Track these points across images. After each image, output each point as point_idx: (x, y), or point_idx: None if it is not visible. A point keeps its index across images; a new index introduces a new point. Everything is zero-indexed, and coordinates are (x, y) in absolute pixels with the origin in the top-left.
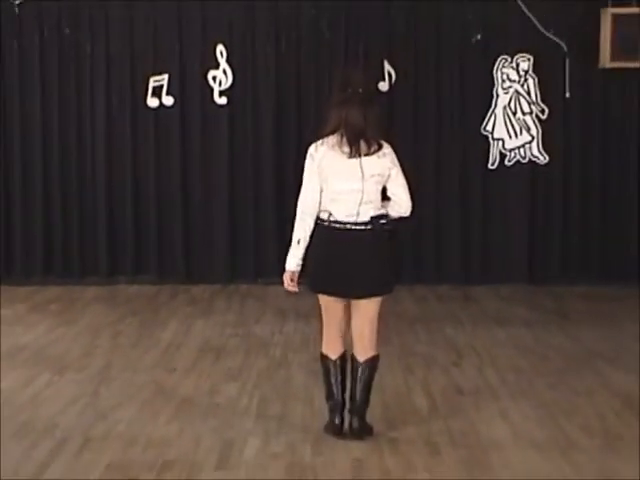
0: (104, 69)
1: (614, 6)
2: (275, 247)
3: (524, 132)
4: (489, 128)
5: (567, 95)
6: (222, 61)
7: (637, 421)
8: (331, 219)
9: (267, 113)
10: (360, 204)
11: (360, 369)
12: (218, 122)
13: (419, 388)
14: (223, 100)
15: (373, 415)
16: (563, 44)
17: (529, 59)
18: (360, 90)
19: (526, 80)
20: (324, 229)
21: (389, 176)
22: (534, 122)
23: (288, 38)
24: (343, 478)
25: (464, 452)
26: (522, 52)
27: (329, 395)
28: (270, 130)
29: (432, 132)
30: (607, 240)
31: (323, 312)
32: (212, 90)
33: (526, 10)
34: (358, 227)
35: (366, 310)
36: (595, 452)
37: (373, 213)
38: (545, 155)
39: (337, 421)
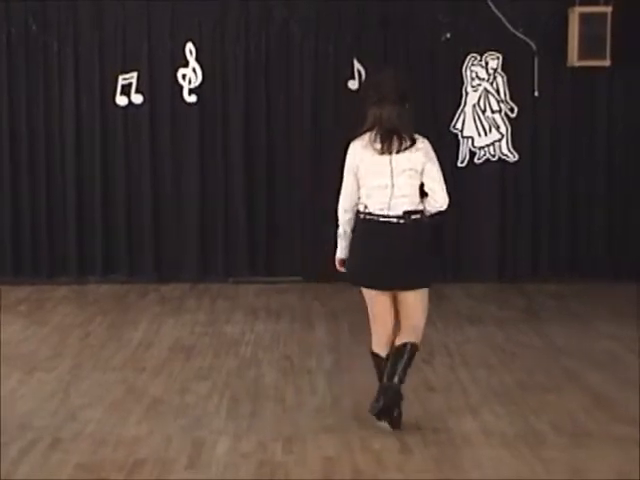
0: (72, 67)
1: (582, 5)
2: (245, 246)
3: (493, 130)
4: (458, 126)
5: (536, 93)
6: (191, 59)
7: (606, 418)
8: (367, 211)
9: (237, 111)
10: (391, 198)
11: (401, 351)
12: (188, 120)
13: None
14: (193, 98)
15: (344, 413)
16: (532, 43)
17: (498, 57)
18: (395, 90)
19: (495, 78)
20: (361, 221)
21: (423, 170)
22: (503, 120)
23: (258, 36)
24: (314, 477)
25: (435, 450)
26: (491, 50)
27: (380, 379)
28: (240, 128)
29: None
30: (576, 238)
31: (369, 308)
32: (182, 88)
33: (495, 9)
34: (390, 220)
35: (410, 301)
36: (565, 449)
37: (408, 207)
38: (514, 153)
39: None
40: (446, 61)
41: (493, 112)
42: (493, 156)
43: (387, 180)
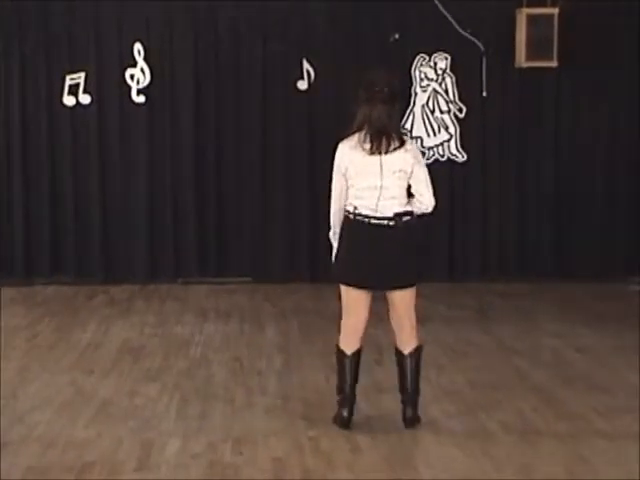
0: (18, 67)
1: (529, 6)
2: (195, 247)
3: (442, 130)
4: (408, 126)
5: (484, 94)
6: (140, 59)
7: (553, 416)
8: (356, 212)
9: (185, 112)
10: (379, 199)
11: (407, 362)
12: (136, 120)
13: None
14: (141, 99)
15: (294, 413)
16: (480, 43)
17: (447, 58)
18: (385, 89)
19: (444, 79)
20: (349, 222)
21: (412, 172)
22: (452, 120)
23: (206, 37)
24: (264, 477)
25: (385, 449)
26: (440, 51)
27: (340, 389)
28: (188, 128)
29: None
30: (524, 238)
31: (344, 306)
32: (130, 89)
33: (443, 9)
34: (381, 222)
35: (401, 301)
36: (514, 447)
37: (397, 209)
38: (463, 153)
39: (345, 414)
40: (395, 61)
41: (442, 112)
42: (442, 156)
43: (376, 181)
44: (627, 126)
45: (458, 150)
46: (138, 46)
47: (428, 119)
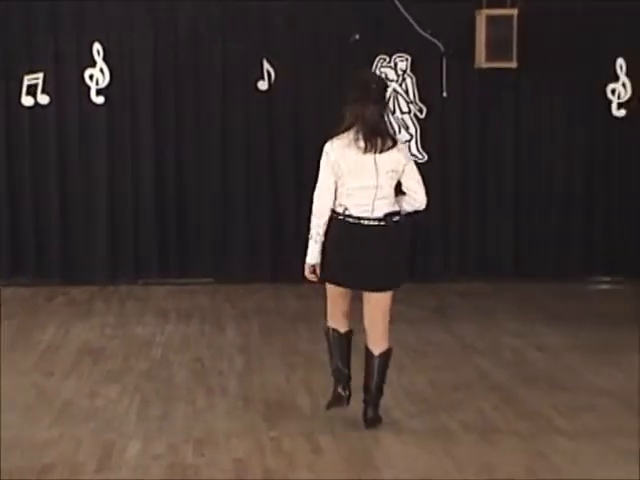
0: None
1: (488, 7)
2: (155, 247)
3: (403, 131)
4: None
5: (444, 94)
6: (99, 60)
7: (513, 414)
8: (346, 213)
9: (145, 112)
10: (375, 200)
11: (376, 362)
12: (95, 121)
13: (301, 387)
14: (100, 99)
15: (255, 414)
16: (440, 44)
17: (407, 59)
18: (374, 87)
19: (404, 80)
20: (339, 222)
21: (403, 171)
22: (412, 121)
23: (166, 37)
24: (225, 478)
25: (346, 449)
26: (400, 52)
27: (337, 369)
28: (149, 129)
29: (312, 131)
30: (485, 238)
31: (329, 298)
32: (89, 89)
33: (403, 10)
34: (372, 223)
35: (378, 302)
36: (475, 446)
37: (387, 209)
38: (423, 154)
39: (342, 392)
40: (355, 62)
41: (402, 113)
42: None
43: (372, 180)
44: (584, 126)
45: (419, 150)
46: (97, 46)
47: (389, 119)
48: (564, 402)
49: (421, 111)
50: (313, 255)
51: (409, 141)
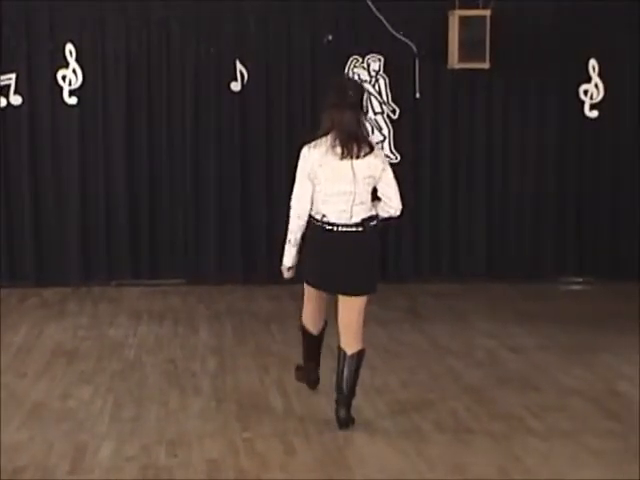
0: None
1: (461, 8)
2: (128, 248)
3: (376, 132)
4: None
5: (417, 95)
6: (72, 60)
7: (486, 415)
8: (324, 220)
9: (118, 112)
10: (353, 205)
11: (348, 363)
12: (68, 122)
13: (274, 387)
14: (73, 100)
15: (228, 415)
16: (413, 45)
17: (380, 59)
18: (351, 93)
19: (377, 80)
20: (317, 229)
21: (380, 177)
22: (385, 122)
23: (138, 37)
24: (198, 479)
25: (319, 450)
26: (373, 52)
27: (309, 357)
28: (121, 129)
29: (284, 132)
30: (456, 239)
31: (306, 297)
32: (62, 89)
33: (376, 11)
34: (350, 229)
35: (354, 305)
36: (447, 446)
37: (364, 215)
38: (396, 154)
39: (314, 377)
40: (328, 63)
41: (375, 114)
42: None
43: (349, 186)
44: (556, 126)
45: (391, 151)
46: (70, 47)
47: (366, 125)
48: (536, 402)
49: (394, 112)
50: (289, 258)
51: (382, 142)
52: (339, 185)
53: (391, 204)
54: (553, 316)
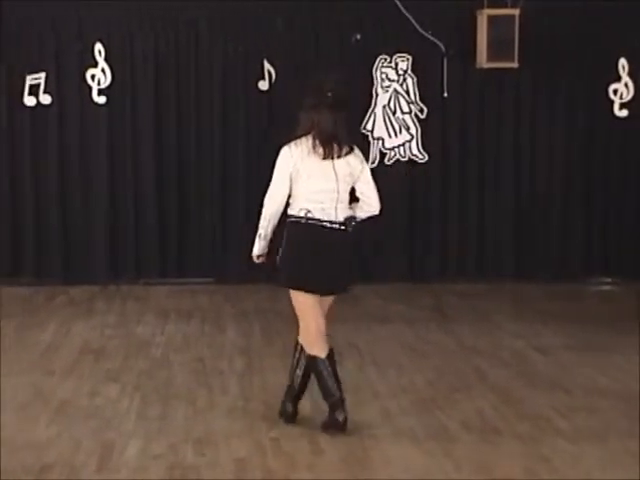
0: None
1: (490, 7)
2: (156, 247)
3: (404, 131)
4: (369, 127)
5: (445, 95)
6: (101, 60)
7: (513, 415)
8: (308, 216)
9: (146, 112)
10: (337, 204)
11: (323, 366)
12: (97, 121)
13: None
14: (102, 99)
15: (255, 415)
16: (441, 44)
17: (408, 59)
18: (329, 94)
19: (405, 80)
20: (300, 226)
21: (358, 177)
22: (413, 121)
23: (166, 37)
24: (225, 478)
25: (345, 450)
26: (401, 52)
27: (326, 394)
28: (149, 129)
29: None
30: (483, 238)
31: (301, 312)
32: (90, 89)
33: (404, 10)
34: (334, 226)
35: (326, 305)
36: (474, 447)
37: (346, 214)
38: (424, 154)
39: (340, 418)
40: (356, 62)
41: (403, 113)
42: (403, 157)
43: (332, 184)
44: (585, 126)
45: (419, 150)
46: (99, 46)
47: (389, 120)
48: (564, 403)
49: (422, 111)
50: (260, 249)
51: (410, 141)
52: (322, 183)
53: (370, 202)
54: (580, 316)
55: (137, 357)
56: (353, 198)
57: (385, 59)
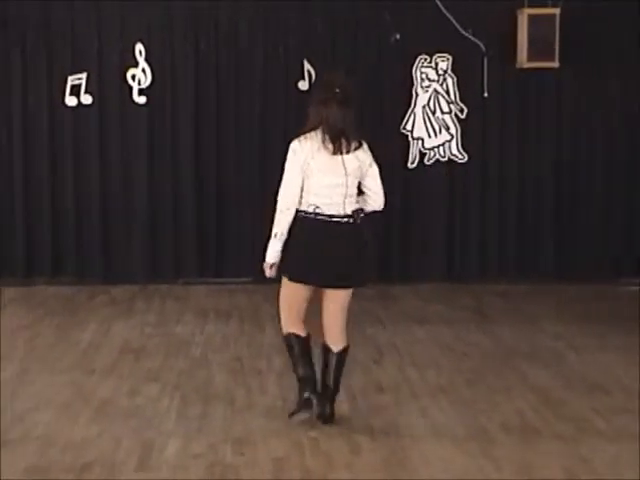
0: (20, 67)
1: (530, 7)
2: (195, 247)
3: (443, 131)
4: (409, 127)
5: (485, 94)
6: (141, 60)
7: (555, 417)
8: (317, 211)
9: (186, 112)
10: (345, 197)
11: (334, 359)
12: (137, 121)
13: (340, 387)
14: (142, 99)
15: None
16: (481, 44)
17: (448, 59)
18: (337, 90)
19: (445, 79)
20: (309, 221)
21: (366, 172)
22: (453, 121)
23: (207, 37)
24: (264, 478)
25: (384, 450)
26: (441, 52)
27: (302, 368)
28: (189, 129)
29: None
30: (524, 238)
31: (287, 298)
32: (131, 89)
33: (444, 10)
34: (342, 219)
35: (340, 299)
36: (514, 448)
37: (354, 207)
38: (464, 154)
39: (310, 396)
40: (396, 62)
41: (443, 113)
42: (443, 157)
43: (341, 179)
44: (626, 126)
45: (459, 151)
46: (140, 46)
47: (429, 120)
48: (604, 404)
49: (462, 111)
50: (274, 254)
51: (449, 141)
52: (331, 177)
53: (375, 198)
54: (620, 317)
55: (177, 356)
56: (359, 192)
57: (425, 59)
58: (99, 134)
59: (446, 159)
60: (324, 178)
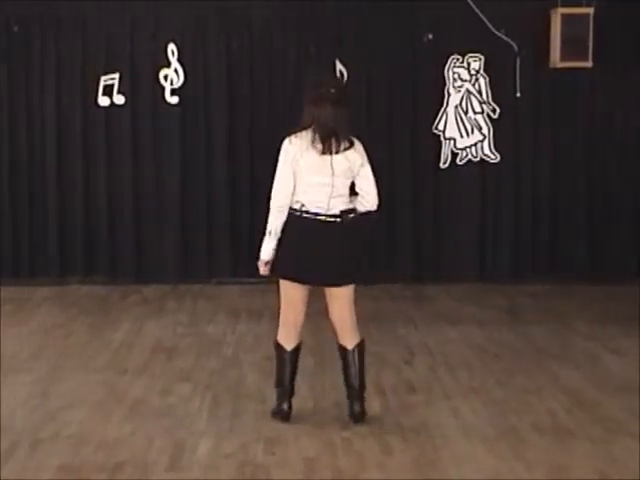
0: (54, 68)
1: (564, 6)
2: (227, 247)
3: (475, 131)
4: (441, 127)
5: (518, 94)
6: (173, 60)
7: (587, 418)
8: (303, 209)
9: (219, 112)
10: (330, 198)
11: (351, 356)
12: (170, 121)
13: (372, 387)
14: (175, 99)
15: (325, 414)
16: (514, 44)
17: (480, 59)
18: (332, 91)
19: (477, 80)
20: (296, 219)
21: (358, 172)
22: (485, 121)
23: (239, 37)
24: (295, 477)
25: (416, 450)
26: (473, 52)
27: (279, 382)
28: (222, 129)
29: (384, 132)
30: (557, 239)
31: (283, 301)
32: (164, 89)
33: (477, 10)
34: (328, 219)
35: (341, 297)
36: (545, 449)
37: (343, 207)
38: (496, 154)
39: (285, 408)
40: (428, 62)
41: (475, 113)
42: (475, 157)
43: (327, 179)
44: None
45: (491, 151)
46: (172, 46)
47: (461, 120)
48: (636, 405)
49: (494, 111)
50: (268, 252)
51: (482, 141)
52: (319, 177)
53: (368, 198)
54: None
55: (209, 356)
56: (353, 192)
57: (457, 59)
58: (132, 134)
59: (478, 159)
60: (312, 177)
